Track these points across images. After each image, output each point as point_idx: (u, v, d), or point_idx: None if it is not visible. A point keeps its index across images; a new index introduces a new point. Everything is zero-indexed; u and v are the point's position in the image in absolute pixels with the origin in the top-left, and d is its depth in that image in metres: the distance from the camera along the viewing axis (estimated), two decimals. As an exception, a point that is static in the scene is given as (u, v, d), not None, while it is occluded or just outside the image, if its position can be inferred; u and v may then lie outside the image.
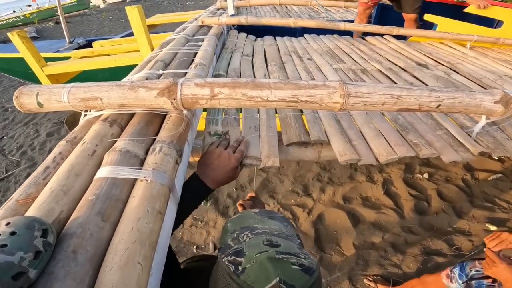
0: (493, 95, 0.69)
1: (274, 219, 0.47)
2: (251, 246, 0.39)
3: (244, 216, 0.48)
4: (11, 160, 2.75)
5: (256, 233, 0.42)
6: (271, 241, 0.39)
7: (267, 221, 0.46)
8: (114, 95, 0.57)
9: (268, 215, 0.48)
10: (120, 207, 0.43)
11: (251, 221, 0.46)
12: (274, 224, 0.45)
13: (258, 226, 0.44)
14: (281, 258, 0.36)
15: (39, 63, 1.72)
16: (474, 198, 1.86)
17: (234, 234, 0.43)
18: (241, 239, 0.42)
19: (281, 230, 0.44)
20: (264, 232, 0.42)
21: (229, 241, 0.43)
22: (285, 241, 0.40)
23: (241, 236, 0.42)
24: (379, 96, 0.63)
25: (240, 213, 0.50)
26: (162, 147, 0.53)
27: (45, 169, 0.50)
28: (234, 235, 0.43)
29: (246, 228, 0.44)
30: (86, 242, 0.36)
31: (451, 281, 1.04)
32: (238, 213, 0.51)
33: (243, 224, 0.45)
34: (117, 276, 0.34)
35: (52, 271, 0.33)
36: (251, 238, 0.41)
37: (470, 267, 0.99)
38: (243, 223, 0.46)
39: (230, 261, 0.38)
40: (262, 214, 0.48)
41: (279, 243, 0.39)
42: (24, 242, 0.33)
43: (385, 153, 0.75)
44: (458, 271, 1.02)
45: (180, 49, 1.14)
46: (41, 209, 0.41)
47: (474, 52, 1.65)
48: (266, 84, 0.59)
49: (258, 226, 0.44)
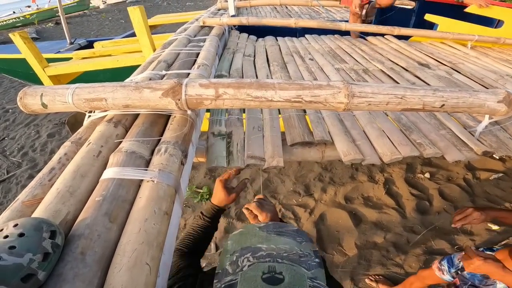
0: (496, 95, 0.69)
1: (284, 236, 0.39)
2: (246, 281, 0.33)
3: (246, 233, 0.41)
4: (12, 161, 2.75)
5: (259, 257, 0.35)
6: (274, 272, 0.33)
7: (274, 239, 0.39)
8: (119, 95, 0.57)
9: (277, 231, 0.40)
10: (127, 208, 0.43)
11: (254, 240, 0.39)
12: (283, 243, 0.38)
13: (262, 246, 0.37)
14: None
15: (41, 64, 1.72)
16: (475, 198, 1.86)
17: (233, 257, 0.37)
18: (240, 265, 0.35)
19: (292, 249, 0.37)
20: (269, 255, 0.35)
21: (227, 265, 0.36)
22: (292, 270, 0.33)
23: (241, 260, 0.36)
24: (383, 96, 0.63)
25: (243, 229, 0.43)
26: (167, 148, 0.53)
27: (51, 170, 0.50)
28: (233, 257, 0.37)
29: (247, 250, 0.37)
30: (94, 243, 0.36)
31: (443, 273, 1.08)
32: (241, 228, 0.44)
33: (245, 244, 0.38)
34: (126, 277, 0.34)
35: (61, 272, 0.33)
36: (251, 265, 0.35)
37: (458, 258, 1.02)
38: (245, 242, 0.39)
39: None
40: (269, 229, 0.40)
41: (284, 275, 0.32)
42: (32, 243, 0.32)
43: (389, 153, 0.75)
44: (446, 263, 1.06)
45: (182, 50, 1.14)
46: (48, 210, 0.40)
47: (475, 52, 1.66)
48: (270, 85, 0.59)
49: (263, 247, 0.37)
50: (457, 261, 1.04)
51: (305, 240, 0.40)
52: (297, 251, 0.37)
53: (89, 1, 13.40)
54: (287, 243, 0.38)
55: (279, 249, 0.37)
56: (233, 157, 0.72)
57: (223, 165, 0.70)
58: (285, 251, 0.36)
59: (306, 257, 0.36)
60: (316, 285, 0.33)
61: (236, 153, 0.73)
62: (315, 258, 0.37)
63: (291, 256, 0.35)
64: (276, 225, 0.42)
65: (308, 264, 0.35)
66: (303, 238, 0.40)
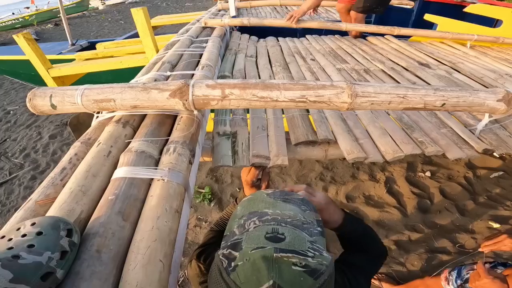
0: (496, 94, 0.71)
1: (290, 203, 0.41)
2: (250, 239, 0.34)
3: (255, 199, 0.43)
4: (15, 163, 2.75)
5: (265, 220, 0.37)
6: (276, 233, 0.34)
7: (280, 205, 0.40)
8: (127, 96, 0.58)
9: (283, 198, 0.42)
10: (139, 206, 0.44)
11: (262, 205, 0.40)
12: (288, 209, 0.39)
13: (268, 211, 0.39)
14: (280, 258, 0.31)
15: (45, 65, 1.73)
16: (476, 196, 1.87)
17: (241, 220, 0.39)
18: (247, 227, 0.37)
19: (296, 216, 0.38)
20: (274, 219, 0.37)
21: (235, 228, 0.38)
22: (294, 233, 0.35)
23: (248, 223, 0.38)
24: (386, 96, 0.65)
25: (252, 195, 0.45)
26: (176, 147, 0.54)
27: (62, 170, 0.51)
28: (241, 221, 0.39)
29: (254, 214, 0.39)
30: (108, 241, 0.37)
31: (448, 284, 1.06)
32: (251, 195, 0.46)
33: (252, 209, 0.40)
34: (141, 274, 0.35)
35: (78, 271, 0.33)
36: (256, 227, 0.36)
37: (467, 270, 1.01)
38: (253, 207, 0.41)
39: (224, 255, 0.34)
40: (276, 196, 0.42)
41: (285, 235, 0.34)
42: (51, 242, 0.33)
43: (392, 151, 0.76)
44: (455, 274, 1.04)
45: (185, 51, 1.15)
46: (62, 209, 0.42)
47: (474, 51, 1.67)
48: (275, 85, 0.60)
49: (269, 211, 0.39)
50: (465, 273, 1.01)
51: (309, 209, 0.41)
52: (301, 218, 0.38)
53: (88, 2, 13.40)
54: (291, 209, 0.40)
55: (283, 215, 0.38)
56: (239, 156, 0.73)
57: (229, 164, 0.71)
58: (289, 216, 0.38)
59: (308, 224, 0.38)
60: (315, 247, 0.34)
61: (242, 152, 0.75)
62: (317, 226, 0.39)
63: (294, 221, 0.37)
64: (283, 192, 0.44)
65: (310, 231, 0.37)
66: (308, 207, 0.42)
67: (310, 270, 0.31)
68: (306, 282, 0.31)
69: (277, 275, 0.30)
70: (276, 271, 0.30)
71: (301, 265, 0.31)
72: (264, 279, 0.30)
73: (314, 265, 0.32)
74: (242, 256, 0.33)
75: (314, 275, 0.31)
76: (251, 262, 0.32)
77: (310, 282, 0.31)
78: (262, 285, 0.30)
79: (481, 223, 1.70)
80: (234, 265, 0.32)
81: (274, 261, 0.31)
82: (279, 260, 0.31)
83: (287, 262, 0.31)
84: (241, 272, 0.32)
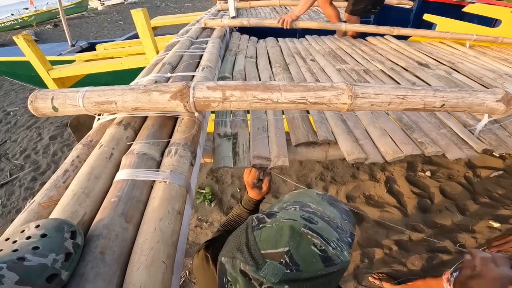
0: (495, 94, 0.71)
1: (334, 207, 0.42)
2: (286, 213, 0.36)
3: (304, 193, 0.45)
4: (15, 164, 2.76)
5: (305, 210, 0.38)
6: (311, 219, 0.36)
7: (325, 205, 0.41)
8: (128, 98, 0.58)
9: (330, 201, 0.43)
10: (141, 208, 0.44)
11: (308, 199, 0.42)
12: (330, 211, 0.40)
13: (312, 205, 0.40)
14: (305, 233, 0.33)
15: (45, 66, 1.73)
16: (476, 195, 1.88)
17: (284, 205, 0.41)
18: (287, 209, 0.39)
19: (335, 219, 0.39)
20: (314, 213, 0.38)
21: (276, 208, 0.41)
22: (326, 226, 0.36)
23: (290, 207, 0.39)
24: (385, 97, 0.65)
25: (303, 190, 0.47)
26: (177, 149, 0.54)
27: (65, 172, 0.52)
28: (284, 205, 0.41)
29: (298, 203, 0.41)
30: (112, 243, 0.37)
31: (450, 284, 1.06)
32: (302, 190, 0.48)
33: (298, 199, 0.42)
34: (144, 275, 0.35)
35: (82, 272, 0.34)
36: (296, 211, 0.38)
37: None
38: (299, 198, 0.43)
39: (258, 217, 0.36)
40: (324, 197, 0.43)
41: (318, 223, 0.35)
42: (55, 244, 0.33)
43: (392, 152, 0.77)
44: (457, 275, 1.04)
45: (185, 52, 1.15)
46: (66, 211, 0.42)
47: (473, 51, 1.67)
48: (276, 87, 0.60)
49: (312, 206, 0.40)
50: None
51: (349, 221, 0.42)
52: (338, 222, 0.39)
53: (87, 3, 13.39)
54: (333, 212, 0.41)
55: (323, 213, 0.39)
56: (239, 158, 0.74)
57: (230, 165, 0.71)
58: (328, 216, 0.39)
59: (342, 231, 0.38)
60: (340, 245, 0.35)
61: (242, 154, 0.75)
62: (349, 237, 0.39)
63: (331, 222, 0.38)
64: (332, 198, 0.45)
65: (341, 236, 0.37)
66: (348, 219, 0.42)
67: (325, 256, 0.32)
68: (316, 264, 0.31)
69: (295, 245, 0.32)
70: (296, 242, 0.32)
71: (320, 249, 0.32)
72: (282, 244, 0.32)
73: (331, 254, 0.33)
74: (273, 221, 0.35)
75: (327, 263, 0.32)
76: (279, 226, 0.33)
77: (319, 266, 0.31)
78: (277, 248, 0.32)
79: (481, 222, 1.70)
80: (262, 226, 0.34)
81: (299, 233, 0.33)
82: (304, 235, 0.33)
83: (309, 240, 0.32)
84: (265, 231, 0.34)
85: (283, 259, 0.31)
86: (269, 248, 0.32)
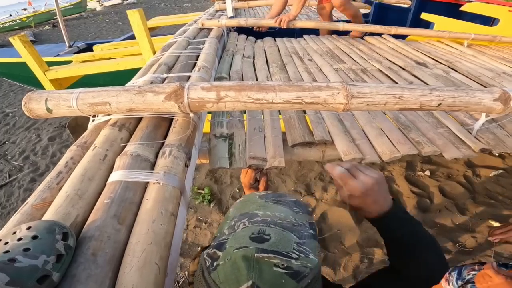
0: (492, 93, 0.71)
1: (281, 204, 0.41)
2: (235, 239, 0.34)
3: (247, 201, 0.43)
4: (14, 165, 2.75)
5: (254, 222, 0.37)
6: (262, 234, 0.34)
7: (271, 206, 0.40)
8: (123, 99, 0.58)
9: (275, 199, 0.42)
10: (135, 209, 0.44)
11: (253, 206, 0.40)
12: (279, 211, 0.39)
13: (259, 213, 0.38)
14: (261, 258, 0.31)
15: (42, 67, 1.72)
16: (476, 195, 1.87)
17: (232, 222, 0.39)
18: (236, 228, 0.37)
19: (287, 218, 0.38)
20: (264, 221, 0.36)
21: (225, 229, 0.38)
22: (280, 234, 0.34)
23: (238, 224, 0.37)
24: (381, 96, 0.65)
25: (245, 197, 0.46)
26: (171, 151, 0.54)
27: (58, 173, 0.51)
28: (232, 222, 0.39)
29: (245, 215, 0.39)
30: (104, 245, 0.37)
31: (448, 284, 1.05)
32: (243, 197, 0.46)
33: (243, 210, 0.40)
34: (136, 277, 0.35)
35: (74, 274, 0.34)
36: (245, 228, 0.36)
37: (468, 271, 1.00)
38: (244, 208, 0.40)
39: (209, 254, 0.34)
40: (267, 198, 0.42)
41: (271, 236, 0.33)
42: (46, 245, 0.33)
43: (388, 152, 0.77)
44: (456, 275, 1.03)
45: (182, 52, 1.15)
46: (58, 213, 0.42)
47: (471, 50, 1.67)
48: (271, 87, 0.60)
49: (259, 213, 0.38)
50: (466, 274, 0.99)
51: (302, 211, 0.40)
52: (292, 220, 0.37)
53: (85, 4, 13.39)
54: (282, 211, 0.39)
55: (274, 216, 0.37)
56: (235, 158, 0.74)
57: (226, 166, 0.71)
58: (279, 218, 0.37)
59: (299, 227, 0.37)
60: (301, 249, 0.33)
61: (238, 154, 0.75)
62: (309, 229, 0.38)
63: (284, 223, 0.36)
64: (275, 194, 0.44)
65: (301, 233, 0.36)
66: (300, 209, 0.41)
67: (292, 272, 0.31)
68: (287, 284, 0.30)
69: (256, 275, 0.30)
70: (256, 272, 0.30)
71: (283, 267, 0.30)
72: (243, 279, 0.30)
73: (297, 267, 0.31)
74: (225, 256, 0.32)
75: (297, 278, 0.30)
76: (232, 261, 0.31)
77: (291, 285, 0.30)
78: (241, 285, 0.30)
79: (481, 222, 1.70)
80: (216, 264, 0.32)
81: (255, 261, 0.30)
82: (260, 260, 0.31)
83: (268, 262, 0.31)
84: (221, 271, 0.31)
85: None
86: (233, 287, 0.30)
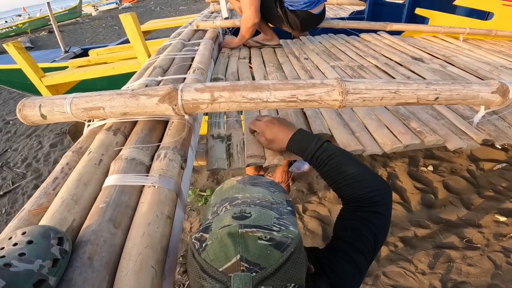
0: (490, 86, 0.70)
1: (258, 186, 0.43)
2: (219, 220, 0.36)
3: (226, 186, 0.45)
4: (17, 173, 2.76)
5: (235, 204, 0.39)
6: (243, 213, 0.36)
7: (249, 189, 0.42)
8: (116, 103, 0.58)
9: (252, 182, 0.44)
10: (130, 213, 0.44)
11: (232, 191, 0.43)
12: (257, 192, 0.42)
13: (238, 195, 0.41)
14: (245, 233, 0.32)
15: (38, 74, 1.72)
16: (481, 189, 1.83)
17: (215, 208, 0.41)
18: (219, 212, 0.39)
19: (265, 197, 0.40)
20: (244, 202, 0.39)
21: (209, 215, 0.40)
22: (260, 211, 0.36)
23: (220, 209, 0.40)
24: (377, 92, 0.64)
25: (223, 183, 0.48)
26: (166, 153, 0.54)
27: (54, 179, 0.51)
28: (214, 208, 0.41)
29: (226, 200, 0.41)
30: (100, 249, 0.37)
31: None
32: (222, 184, 0.49)
33: (224, 196, 0.43)
34: (132, 280, 0.35)
35: (70, 278, 0.34)
36: (227, 210, 0.38)
37: None
38: (224, 194, 0.43)
39: (197, 238, 0.36)
40: (245, 181, 0.45)
41: (252, 214, 0.35)
42: (41, 250, 0.33)
43: (390, 142, 0.75)
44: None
45: (177, 55, 1.15)
46: (54, 218, 0.42)
47: (467, 45, 1.66)
48: (265, 86, 0.60)
49: (239, 196, 0.41)
50: None
51: (278, 191, 0.43)
52: (270, 199, 0.40)
53: (81, 9, 13.42)
54: (260, 192, 0.42)
55: (252, 197, 0.40)
56: (234, 159, 0.73)
57: (224, 167, 0.71)
58: (258, 198, 0.40)
59: (278, 204, 0.39)
60: (281, 223, 0.35)
61: (237, 155, 0.74)
62: (287, 206, 0.40)
63: (263, 202, 0.39)
64: (252, 177, 0.47)
65: (280, 210, 0.38)
66: (276, 189, 0.44)
67: (276, 243, 0.32)
68: (272, 255, 0.32)
69: (243, 249, 0.31)
70: (243, 246, 0.32)
71: (266, 239, 0.32)
72: (232, 254, 0.31)
73: (280, 238, 0.33)
74: (211, 236, 0.34)
75: (281, 248, 0.32)
76: (219, 239, 0.33)
77: (277, 255, 0.32)
78: (230, 260, 0.31)
79: (487, 216, 1.65)
80: (205, 245, 0.34)
81: (240, 236, 0.32)
82: (245, 235, 0.32)
83: (252, 236, 0.32)
84: (210, 250, 0.33)
85: (242, 266, 0.31)
86: (224, 263, 0.32)
